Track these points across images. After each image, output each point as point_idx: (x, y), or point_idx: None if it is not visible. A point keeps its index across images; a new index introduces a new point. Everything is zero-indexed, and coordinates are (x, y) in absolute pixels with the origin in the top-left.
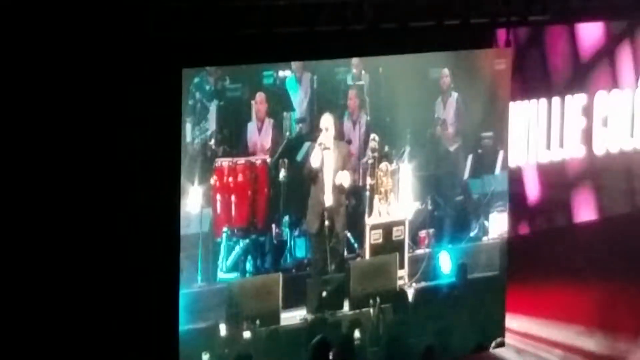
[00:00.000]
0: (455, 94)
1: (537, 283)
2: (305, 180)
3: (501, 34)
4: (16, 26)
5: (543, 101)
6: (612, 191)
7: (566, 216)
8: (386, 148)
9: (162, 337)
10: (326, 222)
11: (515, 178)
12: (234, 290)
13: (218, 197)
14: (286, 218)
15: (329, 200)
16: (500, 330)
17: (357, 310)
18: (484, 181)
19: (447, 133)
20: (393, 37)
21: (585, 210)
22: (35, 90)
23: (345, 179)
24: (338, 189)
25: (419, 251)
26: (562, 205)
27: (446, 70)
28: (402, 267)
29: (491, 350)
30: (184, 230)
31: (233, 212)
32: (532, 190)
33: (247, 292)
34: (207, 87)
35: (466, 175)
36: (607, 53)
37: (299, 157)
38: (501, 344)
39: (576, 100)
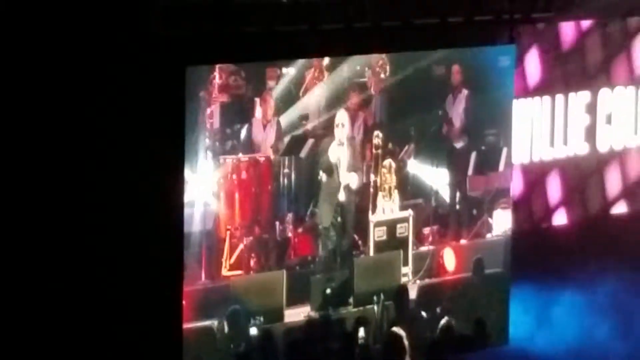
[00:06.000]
0: (465, 91)
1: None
2: (313, 176)
3: (505, 31)
4: (21, 25)
5: (547, 98)
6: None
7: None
8: (390, 145)
9: (166, 334)
10: (338, 219)
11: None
12: (237, 287)
13: (222, 194)
14: (290, 215)
15: (342, 196)
16: (505, 327)
17: (361, 308)
18: (488, 178)
19: (454, 130)
20: (396, 35)
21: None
22: (38, 89)
23: (354, 178)
24: (349, 187)
25: (423, 248)
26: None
27: (457, 67)
28: (406, 264)
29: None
30: (187, 227)
31: (237, 210)
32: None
33: (251, 289)
34: (211, 85)
35: (470, 171)
36: (610, 50)
37: (303, 154)
38: (505, 341)
39: (580, 98)
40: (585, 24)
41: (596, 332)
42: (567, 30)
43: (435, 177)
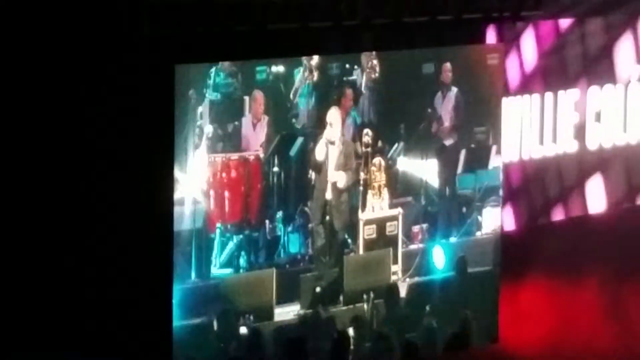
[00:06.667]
0: (455, 89)
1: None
2: (301, 175)
3: (494, 29)
4: (9, 24)
5: (536, 96)
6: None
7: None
8: (379, 143)
9: (155, 333)
10: (327, 217)
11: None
12: (227, 286)
13: (211, 192)
14: (280, 213)
15: (331, 195)
16: (494, 325)
17: (351, 306)
18: (477, 176)
19: (443, 128)
20: (386, 33)
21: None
22: (27, 88)
23: (342, 177)
24: (338, 185)
25: (413, 246)
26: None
27: (446, 65)
28: (395, 262)
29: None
30: (177, 226)
31: (226, 208)
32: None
33: (241, 287)
34: (201, 84)
35: (459, 169)
36: (599, 48)
37: (292, 152)
38: (495, 340)
39: (569, 96)
40: (574, 21)
41: (586, 330)
42: (556, 28)
43: (424, 175)
